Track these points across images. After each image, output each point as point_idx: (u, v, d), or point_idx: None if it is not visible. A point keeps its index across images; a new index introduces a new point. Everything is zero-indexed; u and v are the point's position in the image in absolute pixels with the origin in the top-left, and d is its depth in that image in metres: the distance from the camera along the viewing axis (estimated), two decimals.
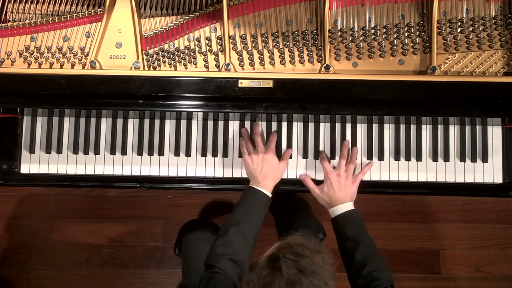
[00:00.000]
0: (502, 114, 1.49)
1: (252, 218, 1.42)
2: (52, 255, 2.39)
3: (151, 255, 2.39)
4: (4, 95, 1.46)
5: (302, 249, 1.14)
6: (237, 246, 1.36)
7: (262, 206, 1.45)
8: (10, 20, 1.53)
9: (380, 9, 1.48)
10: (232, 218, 1.41)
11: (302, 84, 1.43)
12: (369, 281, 1.35)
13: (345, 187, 1.47)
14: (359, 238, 1.41)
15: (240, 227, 1.38)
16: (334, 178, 1.48)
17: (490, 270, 2.38)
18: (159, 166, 1.57)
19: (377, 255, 1.40)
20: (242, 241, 1.37)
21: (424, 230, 2.39)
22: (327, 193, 1.48)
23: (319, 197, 1.50)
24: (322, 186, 1.50)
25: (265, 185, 1.46)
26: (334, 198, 1.46)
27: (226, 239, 1.36)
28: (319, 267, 1.13)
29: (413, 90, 1.43)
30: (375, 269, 1.36)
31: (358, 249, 1.39)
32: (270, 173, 1.47)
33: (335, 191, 1.46)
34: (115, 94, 1.44)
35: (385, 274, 1.36)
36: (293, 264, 1.11)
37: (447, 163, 1.56)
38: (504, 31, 1.46)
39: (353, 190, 1.49)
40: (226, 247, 1.35)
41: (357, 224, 1.44)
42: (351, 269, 1.41)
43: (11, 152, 1.56)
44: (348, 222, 1.44)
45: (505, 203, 2.40)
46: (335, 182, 1.47)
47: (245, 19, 1.49)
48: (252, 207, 1.43)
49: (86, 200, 2.42)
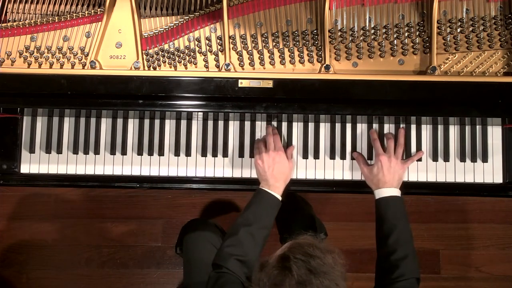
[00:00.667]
0: (502, 114, 1.49)
1: (263, 220, 1.42)
2: (52, 255, 2.39)
3: (151, 255, 2.39)
4: (4, 95, 1.46)
5: (312, 249, 1.14)
6: (246, 247, 1.36)
7: (273, 209, 1.45)
8: (10, 20, 1.53)
9: (380, 9, 1.48)
10: (243, 219, 1.41)
11: (302, 84, 1.43)
12: (393, 268, 1.35)
13: (394, 171, 1.47)
14: (397, 223, 1.41)
15: (251, 228, 1.38)
16: (385, 161, 1.47)
17: (490, 270, 2.38)
18: (159, 166, 1.57)
19: (410, 244, 1.40)
20: (252, 242, 1.37)
21: (424, 230, 2.39)
22: (376, 175, 1.48)
23: (367, 177, 1.51)
24: (371, 167, 1.50)
25: (277, 188, 1.46)
26: (382, 180, 1.46)
27: (236, 239, 1.37)
28: (329, 268, 1.12)
29: (413, 90, 1.43)
30: (403, 257, 1.36)
31: (393, 233, 1.39)
32: (281, 175, 1.47)
33: (384, 174, 1.46)
34: (115, 94, 1.44)
35: (412, 265, 1.36)
36: (304, 265, 1.11)
37: (447, 163, 1.56)
38: (504, 31, 1.46)
39: (402, 175, 1.49)
40: (236, 247, 1.35)
41: (399, 210, 1.44)
42: (381, 251, 1.41)
43: (11, 152, 1.56)
44: (390, 206, 1.44)
45: (505, 203, 2.39)
46: (385, 165, 1.47)
47: (245, 19, 1.49)
48: (263, 210, 1.43)
49: (86, 200, 2.42)
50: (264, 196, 1.45)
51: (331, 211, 2.35)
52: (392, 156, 1.49)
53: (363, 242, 2.32)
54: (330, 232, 1.96)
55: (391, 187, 1.46)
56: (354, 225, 2.30)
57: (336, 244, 1.46)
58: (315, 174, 1.56)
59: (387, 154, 1.49)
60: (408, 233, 1.42)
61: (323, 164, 1.56)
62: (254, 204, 1.44)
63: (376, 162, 1.50)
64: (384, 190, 1.45)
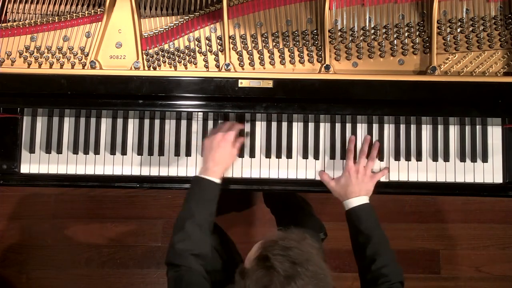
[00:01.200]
0: (502, 114, 1.49)
1: (206, 208, 1.41)
2: (52, 255, 2.39)
3: (151, 255, 2.39)
4: (4, 95, 1.46)
5: (287, 242, 1.14)
6: (196, 239, 1.35)
7: (214, 194, 1.43)
8: (10, 20, 1.53)
9: (380, 9, 1.48)
10: (185, 212, 1.40)
11: (302, 84, 1.43)
12: (377, 277, 1.35)
13: (362, 182, 1.47)
14: (371, 233, 1.41)
15: (196, 219, 1.37)
16: (353, 172, 1.48)
17: (490, 270, 2.38)
18: (159, 166, 1.57)
19: (388, 251, 1.40)
20: (200, 232, 1.36)
21: (424, 230, 2.39)
22: (343, 185, 1.48)
23: (334, 190, 1.50)
24: (338, 179, 1.50)
25: (214, 172, 1.44)
26: (350, 190, 1.46)
27: (184, 233, 1.35)
28: (309, 254, 1.13)
29: (413, 90, 1.43)
30: (384, 265, 1.36)
31: (369, 244, 1.39)
32: (222, 160, 1.46)
33: (352, 183, 1.46)
34: (115, 94, 1.44)
35: (394, 271, 1.36)
36: (285, 259, 1.10)
37: (447, 163, 1.55)
38: (504, 31, 1.46)
39: (370, 186, 1.48)
40: (186, 242, 1.34)
41: (370, 218, 1.44)
42: (361, 263, 1.41)
43: (11, 152, 1.56)
44: (361, 215, 1.43)
45: (505, 203, 2.40)
46: (353, 176, 1.47)
47: (245, 19, 1.49)
48: (204, 197, 1.42)
49: (86, 200, 2.42)
50: (202, 183, 1.43)
51: (331, 211, 2.34)
52: (361, 168, 1.48)
53: None
54: (330, 232, 1.95)
55: (360, 196, 1.45)
56: None
57: (336, 244, 1.46)
58: (315, 174, 1.56)
59: (356, 165, 1.49)
60: (384, 240, 1.41)
61: (323, 164, 1.56)
62: (194, 194, 1.43)
63: (344, 173, 1.50)
64: (353, 200, 1.45)
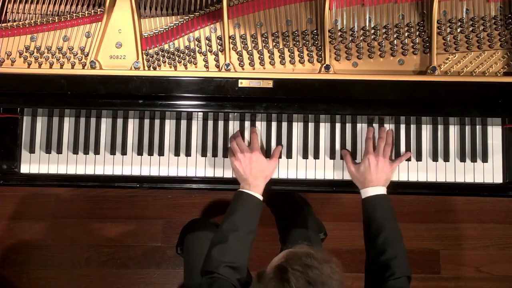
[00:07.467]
0: (502, 114, 1.49)
1: (250, 224, 1.42)
2: (52, 255, 2.39)
3: (151, 255, 2.39)
4: (4, 95, 1.46)
5: (310, 260, 1.14)
6: (236, 253, 1.36)
7: (257, 211, 1.45)
8: (10, 20, 1.53)
9: (380, 9, 1.48)
10: (229, 224, 1.40)
11: (302, 84, 1.43)
12: (384, 268, 1.34)
13: (382, 170, 1.47)
14: (384, 223, 1.40)
15: (239, 233, 1.38)
16: (373, 159, 1.47)
17: (490, 270, 2.38)
18: (159, 166, 1.57)
19: (400, 245, 1.39)
20: (241, 247, 1.37)
21: (424, 230, 2.39)
22: (362, 173, 1.48)
23: (353, 175, 1.51)
24: (359, 166, 1.50)
25: (256, 186, 1.46)
26: (369, 179, 1.46)
27: (225, 246, 1.36)
28: (327, 278, 1.12)
29: (413, 90, 1.43)
30: (393, 257, 1.35)
31: (382, 233, 1.39)
32: (260, 173, 1.47)
33: (371, 173, 1.46)
34: (115, 94, 1.44)
35: (402, 265, 1.35)
36: (302, 276, 1.10)
37: (447, 163, 1.56)
38: (504, 31, 1.46)
39: (389, 175, 1.49)
40: (225, 254, 1.35)
41: (386, 210, 1.43)
42: (370, 253, 1.41)
43: (11, 152, 1.56)
44: (377, 205, 1.43)
45: (505, 203, 2.40)
46: (372, 164, 1.47)
47: (245, 19, 1.49)
48: (248, 213, 1.43)
49: (86, 200, 2.42)
50: (246, 198, 1.45)
51: (331, 211, 2.35)
52: (380, 155, 1.48)
53: (363, 242, 2.31)
54: (330, 232, 1.96)
55: (378, 185, 1.45)
56: (354, 225, 2.30)
57: (336, 244, 1.46)
58: (315, 174, 1.56)
59: (376, 153, 1.49)
60: (397, 233, 1.41)
61: (323, 164, 1.56)
62: (237, 208, 1.43)
63: (363, 161, 1.49)
64: (371, 189, 1.45)
